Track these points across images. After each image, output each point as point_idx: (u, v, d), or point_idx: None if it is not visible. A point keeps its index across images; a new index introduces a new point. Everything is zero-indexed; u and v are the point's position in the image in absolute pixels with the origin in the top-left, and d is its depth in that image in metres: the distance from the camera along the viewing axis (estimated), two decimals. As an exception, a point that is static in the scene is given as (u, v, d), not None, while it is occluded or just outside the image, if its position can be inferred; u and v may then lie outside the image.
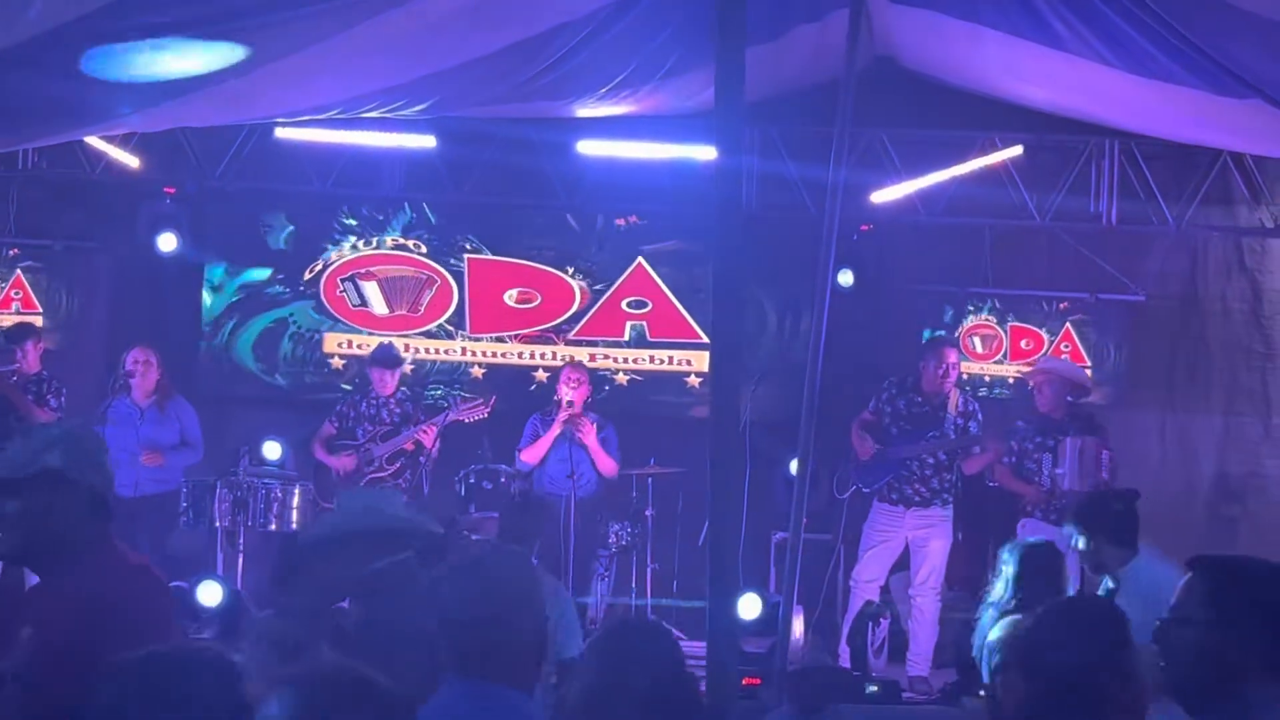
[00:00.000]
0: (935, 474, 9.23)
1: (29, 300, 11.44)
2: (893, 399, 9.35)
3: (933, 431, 9.27)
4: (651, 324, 11.82)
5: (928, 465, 9.24)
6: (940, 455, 9.22)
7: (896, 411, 9.33)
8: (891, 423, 9.32)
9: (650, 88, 9.76)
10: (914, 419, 9.30)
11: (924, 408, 9.31)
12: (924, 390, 9.34)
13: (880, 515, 9.28)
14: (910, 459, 9.21)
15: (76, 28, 6.24)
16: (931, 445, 9.19)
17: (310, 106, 9.07)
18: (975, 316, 11.91)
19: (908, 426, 9.29)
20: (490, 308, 11.78)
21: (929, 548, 9.17)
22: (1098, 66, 8.37)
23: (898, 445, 9.24)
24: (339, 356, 11.70)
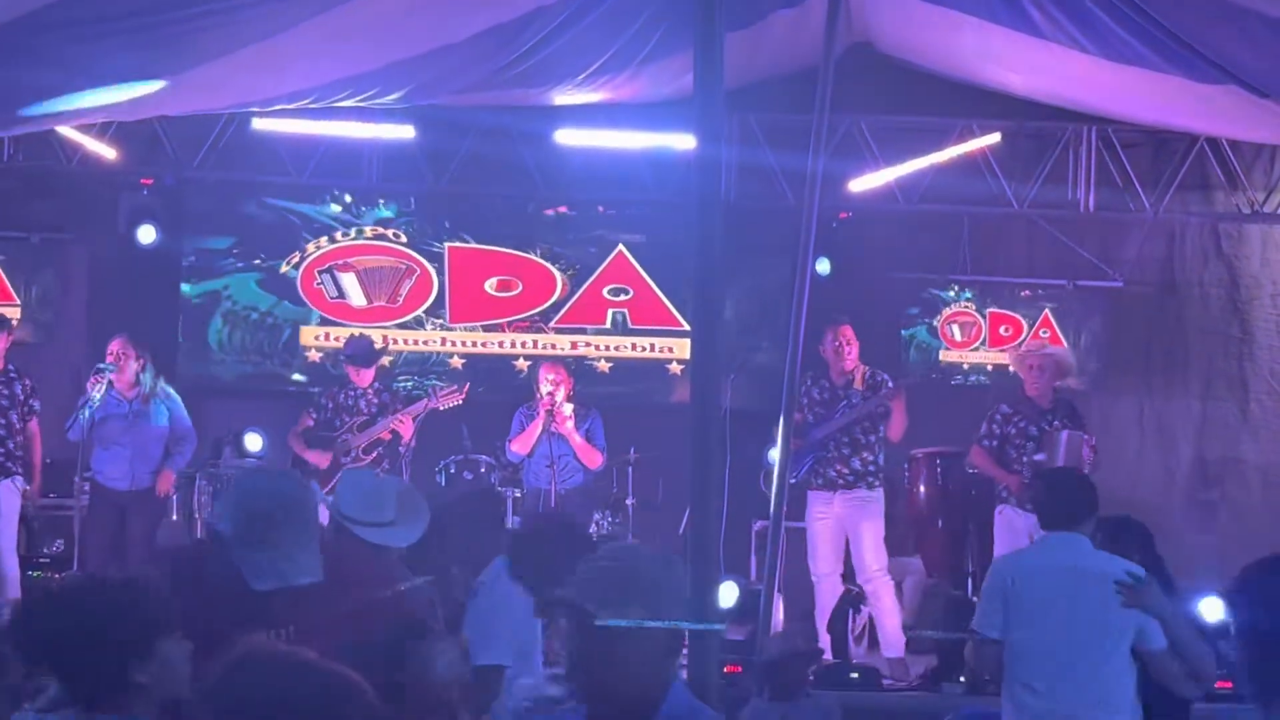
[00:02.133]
0: (854, 453, 9.17)
1: (4, 292, 11.36)
2: (808, 390, 9.32)
3: (844, 407, 9.24)
4: (633, 311, 11.82)
5: (844, 445, 9.18)
6: (858, 435, 9.16)
7: (812, 400, 9.32)
8: (809, 411, 9.29)
9: (628, 74, 9.75)
10: (825, 403, 9.28)
11: (834, 390, 9.29)
12: (830, 374, 9.34)
13: (812, 503, 9.26)
14: (828, 439, 9.17)
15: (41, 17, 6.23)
16: (841, 420, 9.15)
17: (283, 94, 9.05)
18: (954, 304, 11.92)
19: (821, 411, 9.28)
20: (471, 296, 11.76)
21: (861, 532, 9.09)
22: (1074, 53, 8.40)
23: (813, 429, 9.21)
24: (316, 349, 11.67)
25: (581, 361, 11.58)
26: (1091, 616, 5.36)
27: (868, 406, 9.10)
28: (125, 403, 9.41)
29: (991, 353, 11.78)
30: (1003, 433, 9.28)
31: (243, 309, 11.67)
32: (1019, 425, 9.25)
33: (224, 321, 11.65)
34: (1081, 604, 5.38)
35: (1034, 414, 9.26)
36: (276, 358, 11.70)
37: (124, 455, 9.34)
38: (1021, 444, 9.19)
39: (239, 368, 11.69)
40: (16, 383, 9.47)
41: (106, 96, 7.95)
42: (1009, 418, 9.31)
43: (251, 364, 11.71)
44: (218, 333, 11.63)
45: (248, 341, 11.68)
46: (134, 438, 9.38)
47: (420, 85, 9.12)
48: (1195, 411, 11.84)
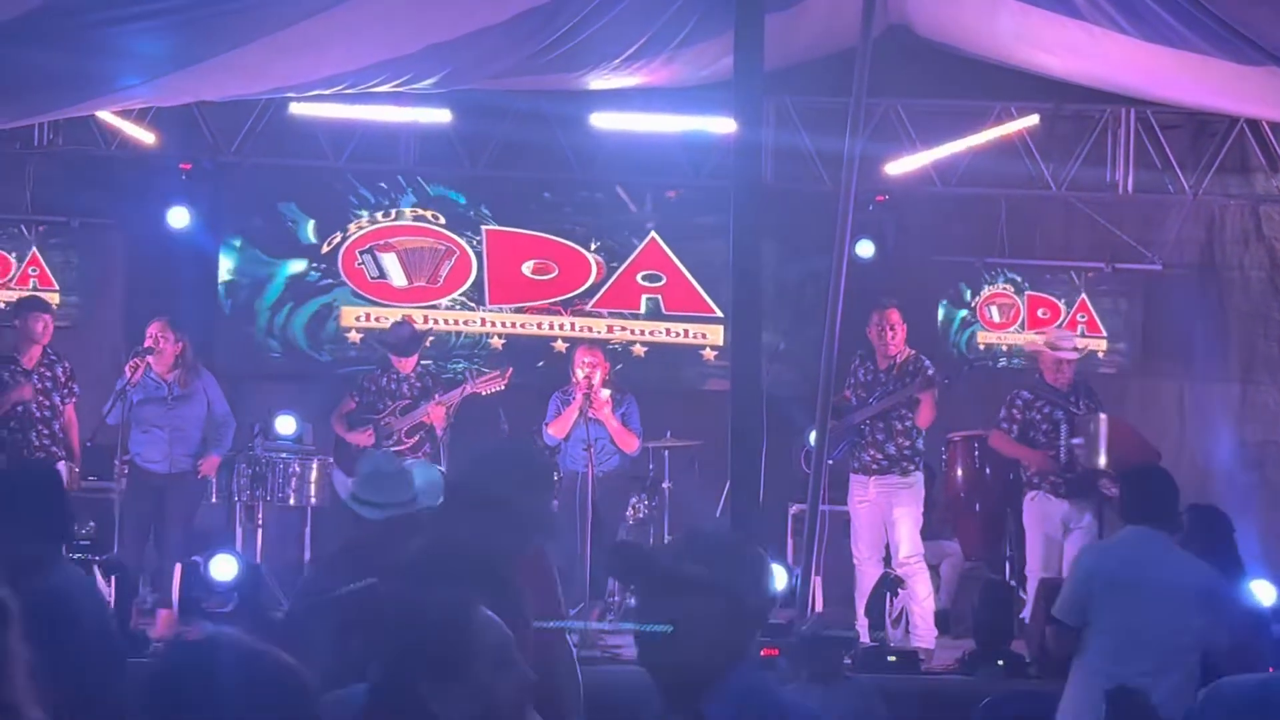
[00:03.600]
0: (889, 438, 9.13)
1: (45, 277, 11.45)
2: (854, 371, 9.31)
3: (881, 392, 9.22)
4: (666, 297, 11.83)
5: (879, 429, 9.15)
6: (893, 420, 9.13)
7: (858, 382, 9.30)
8: (853, 393, 9.27)
9: (664, 58, 9.74)
10: (868, 386, 9.25)
11: (876, 374, 9.27)
12: (875, 357, 9.31)
13: (853, 487, 9.25)
14: (862, 424, 9.15)
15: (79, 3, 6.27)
16: (875, 406, 9.13)
17: (320, 79, 9.06)
18: (992, 286, 11.89)
19: (863, 394, 9.25)
20: (508, 279, 11.79)
21: (896, 519, 9.06)
22: (1114, 34, 8.35)
23: (851, 411, 9.20)
24: (356, 330, 11.71)
25: (618, 346, 11.60)
26: (1165, 618, 5.58)
27: (900, 393, 9.08)
28: (164, 386, 9.44)
29: (1030, 335, 11.74)
30: (1024, 418, 9.23)
31: (272, 288, 11.71)
32: (1043, 411, 9.21)
33: (253, 302, 11.69)
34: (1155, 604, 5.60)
35: (1056, 398, 9.22)
36: (308, 339, 11.76)
37: (162, 438, 9.38)
38: (1049, 429, 9.15)
39: (268, 351, 11.73)
40: (58, 365, 9.55)
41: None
42: (1030, 404, 9.27)
43: (284, 346, 11.75)
44: (246, 313, 11.68)
45: (277, 322, 11.73)
46: (172, 421, 9.41)
47: (456, 70, 9.13)
48: (1235, 394, 11.78)
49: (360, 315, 11.72)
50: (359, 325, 11.71)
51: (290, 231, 11.76)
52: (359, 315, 11.73)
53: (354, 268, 11.73)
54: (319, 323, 11.77)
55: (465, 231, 11.80)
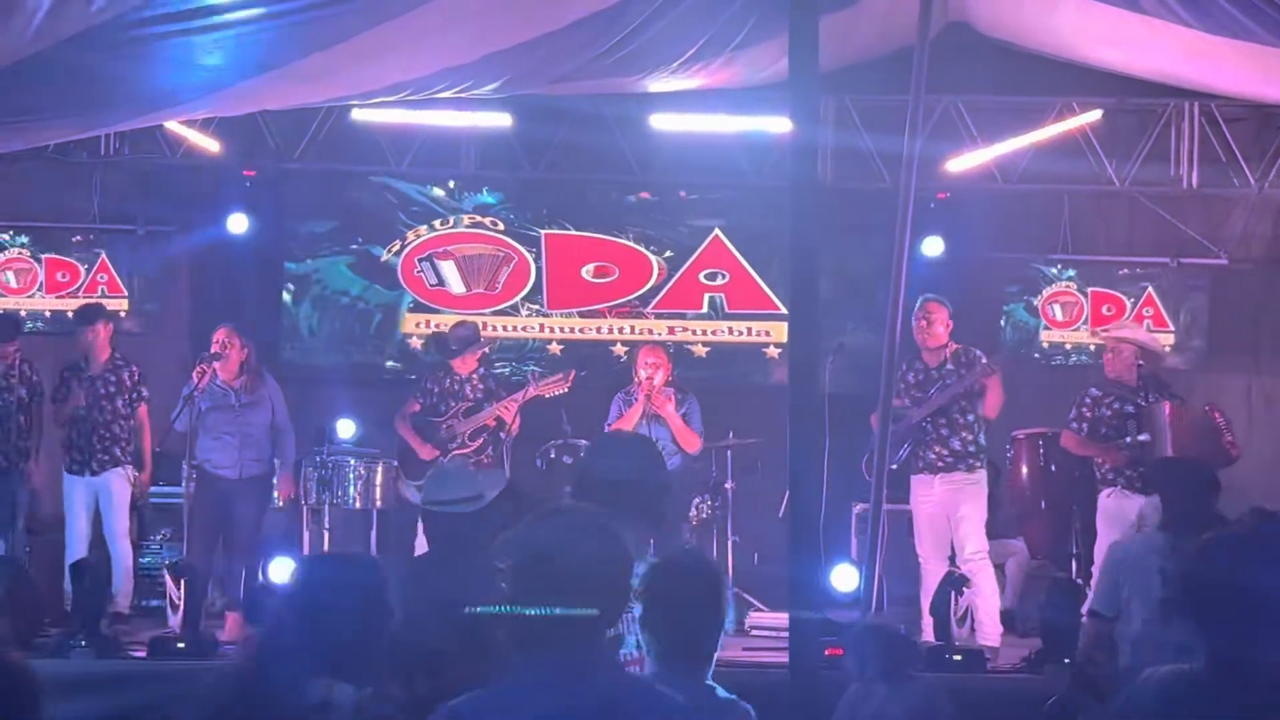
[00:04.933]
0: (953, 434, 9.06)
1: (114, 284, 11.60)
2: (904, 374, 9.23)
3: (937, 388, 9.16)
4: (729, 296, 11.83)
5: (942, 426, 9.08)
6: (955, 415, 9.06)
7: (908, 384, 9.22)
8: (904, 395, 9.20)
9: (723, 60, 9.74)
10: (920, 385, 9.18)
11: (927, 372, 9.21)
12: (923, 355, 9.25)
13: (916, 487, 9.18)
14: (924, 422, 9.09)
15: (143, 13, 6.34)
16: (936, 400, 9.06)
17: (382, 87, 9.12)
18: (1055, 284, 11.82)
19: (917, 394, 9.19)
20: (568, 283, 11.83)
21: (962, 516, 9.01)
22: (1176, 27, 8.28)
23: (909, 413, 9.14)
24: (417, 336, 11.79)
25: (679, 346, 11.61)
26: None
27: (962, 384, 9.02)
28: (231, 393, 9.52)
29: (1094, 331, 11.66)
30: (1094, 415, 9.18)
31: (332, 294, 11.81)
32: (1113, 406, 9.16)
33: (313, 307, 11.80)
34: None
35: (1124, 392, 9.16)
36: (369, 344, 11.84)
37: (232, 444, 9.46)
38: (1119, 424, 9.10)
39: (331, 355, 11.82)
40: (124, 369, 9.67)
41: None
42: (1099, 400, 9.22)
43: (344, 352, 11.84)
44: (307, 318, 11.78)
45: (338, 328, 11.82)
46: (241, 427, 9.48)
47: (517, 75, 9.17)
48: (1303, 388, 11.68)
49: (420, 322, 11.79)
50: (419, 331, 11.79)
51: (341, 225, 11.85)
52: (419, 322, 11.80)
53: (413, 275, 11.81)
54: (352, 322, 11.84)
55: (524, 236, 11.85)
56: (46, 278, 11.58)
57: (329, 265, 11.81)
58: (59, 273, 11.60)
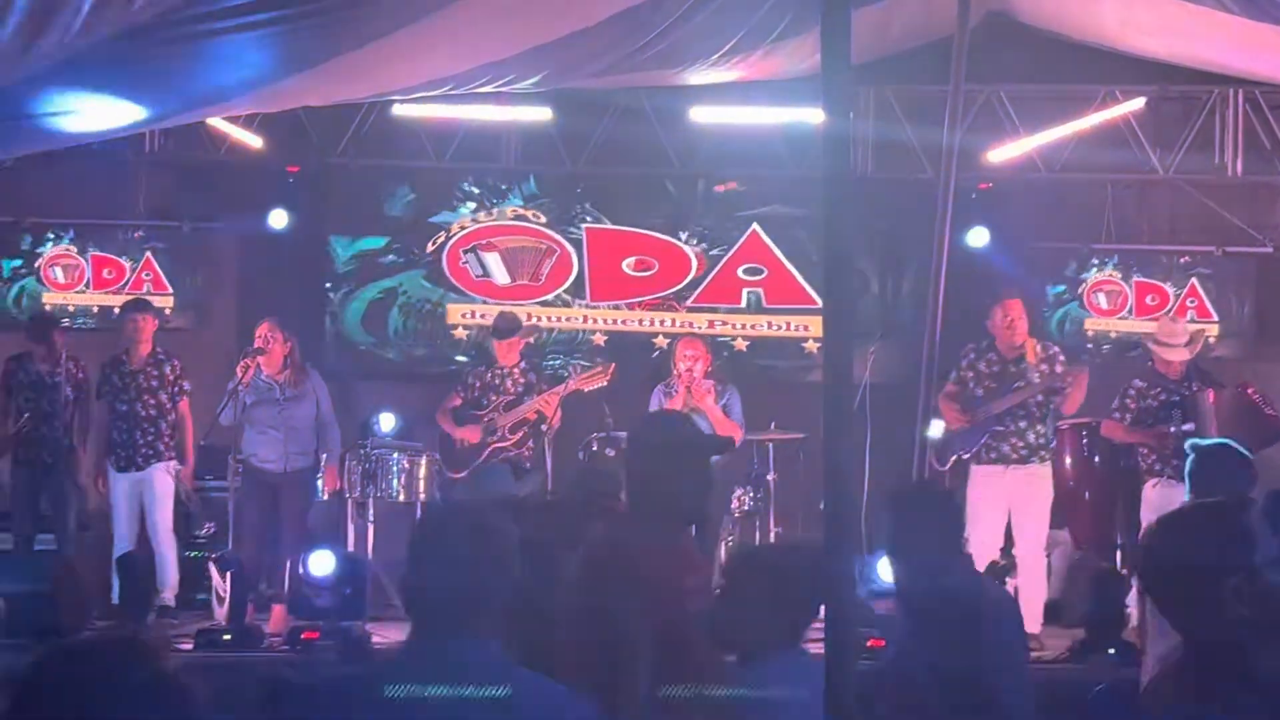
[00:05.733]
0: (1029, 427, 9.06)
1: (159, 281, 11.70)
2: (973, 364, 9.21)
3: (1017, 384, 9.14)
4: (768, 290, 11.83)
5: (1020, 419, 9.07)
6: (1033, 408, 9.06)
7: (979, 374, 9.19)
8: (975, 385, 9.17)
9: (762, 52, 9.74)
10: (995, 376, 9.16)
11: (1004, 364, 9.18)
12: (999, 347, 9.22)
13: (980, 478, 9.15)
14: (1004, 414, 9.08)
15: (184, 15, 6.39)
16: (1020, 395, 9.05)
17: (423, 83, 9.17)
18: (1099, 272, 11.77)
19: (991, 385, 9.15)
20: (609, 276, 11.86)
21: (1030, 507, 9.01)
22: (1220, 15, 8.23)
23: (987, 404, 9.12)
24: (462, 328, 11.84)
25: (719, 340, 11.62)
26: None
27: (1048, 383, 9.02)
28: (275, 387, 9.59)
29: (1139, 321, 11.60)
30: (1139, 406, 9.16)
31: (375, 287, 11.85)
32: (1159, 398, 9.13)
33: (356, 301, 11.83)
34: None
35: (1169, 385, 9.13)
36: (412, 337, 11.89)
37: (277, 438, 9.54)
38: (1164, 414, 9.07)
39: (374, 348, 11.87)
40: (165, 364, 9.74)
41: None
42: (1143, 391, 9.20)
43: (387, 344, 11.90)
44: (350, 312, 11.81)
45: (382, 321, 11.86)
46: (286, 421, 9.55)
47: (557, 70, 9.20)
48: (1350, 377, 11.56)
49: (465, 313, 11.84)
50: (464, 323, 11.84)
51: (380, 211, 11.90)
52: (464, 313, 11.85)
53: (458, 266, 11.86)
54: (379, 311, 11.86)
55: (566, 229, 11.88)
56: (93, 274, 11.68)
57: (372, 259, 11.86)
58: (105, 269, 11.71)
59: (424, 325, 11.91)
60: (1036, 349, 9.12)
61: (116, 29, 6.53)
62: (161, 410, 9.63)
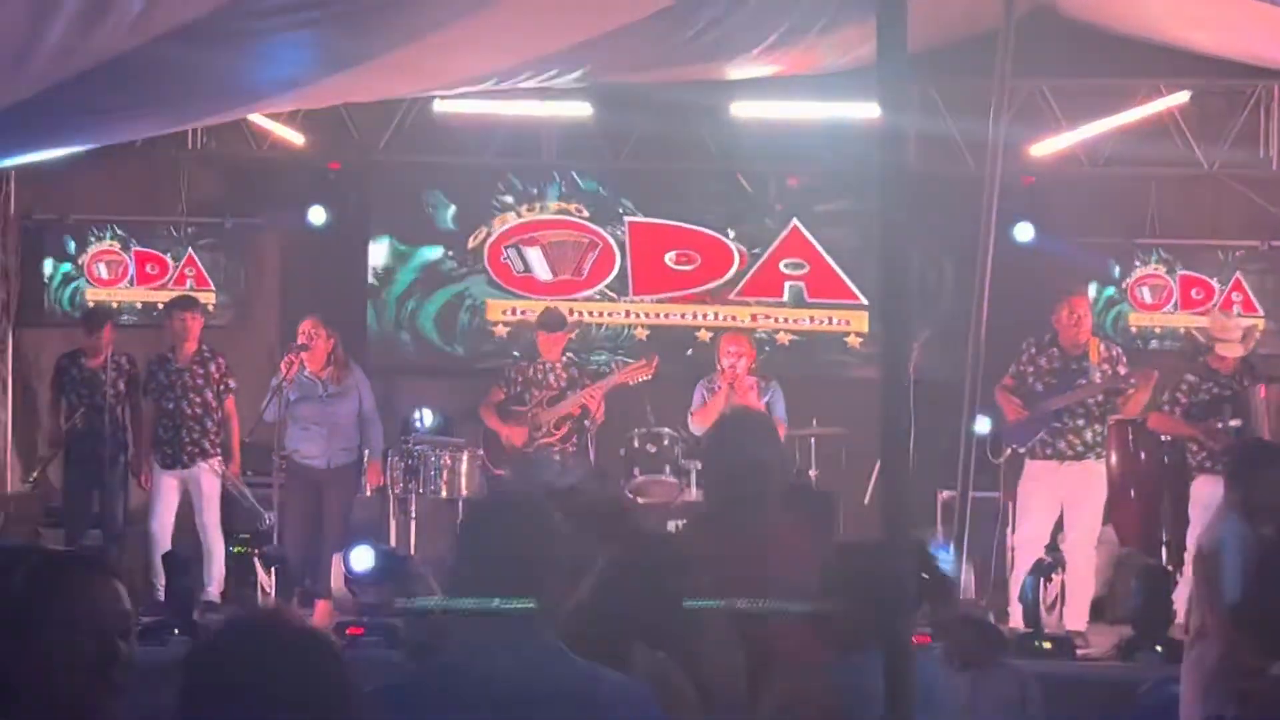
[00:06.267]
0: (1087, 425, 9.06)
1: (201, 277, 11.74)
2: (1033, 358, 9.20)
3: (1080, 381, 9.10)
4: (810, 285, 11.80)
5: (1079, 417, 9.06)
6: (1091, 406, 9.03)
7: (1039, 369, 9.18)
8: (1035, 380, 9.16)
9: (804, 46, 9.69)
10: (1056, 373, 9.14)
11: (1066, 360, 9.15)
12: (1062, 344, 9.19)
13: (1035, 472, 9.15)
14: (1061, 411, 9.05)
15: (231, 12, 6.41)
16: (1082, 392, 9.02)
17: (467, 78, 9.17)
18: (1143, 267, 11.70)
19: (1052, 381, 9.14)
20: (652, 270, 11.85)
21: (1083, 503, 9.01)
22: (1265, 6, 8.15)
23: (1047, 399, 9.09)
24: (503, 324, 11.85)
25: (763, 334, 11.61)
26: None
27: (1110, 383, 9.00)
28: (318, 383, 9.62)
29: (1183, 316, 11.54)
30: (1189, 401, 9.12)
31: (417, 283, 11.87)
32: (1211, 392, 9.08)
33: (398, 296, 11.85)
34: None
35: (1220, 378, 9.08)
36: (454, 332, 11.91)
37: (321, 435, 9.57)
38: (1215, 409, 9.02)
39: (416, 344, 11.90)
40: (211, 361, 9.78)
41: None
42: (1195, 386, 9.16)
43: (428, 340, 11.92)
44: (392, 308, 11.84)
45: (423, 317, 11.88)
46: (329, 417, 9.59)
47: (599, 65, 9.18)
48: (1399, 371, 11.46)
49: (507, 309, 11.85)
50: (505, 319, 11.84)
51: (430, 218, 11.90)
52: (505, 309, 11.86)
53: (499, 262, 11.87)
54: (450, 313, 11.89)
55: (608, 224, 11.88)
56: (136, 270, 11.74)
57: (414, 255, 11.88)
58: (148, 265, 11.76)
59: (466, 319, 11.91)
60: (1100, 348, 9.11)
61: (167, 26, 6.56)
62: (207, 408, 9.67)
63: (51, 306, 11.64)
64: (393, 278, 11.87)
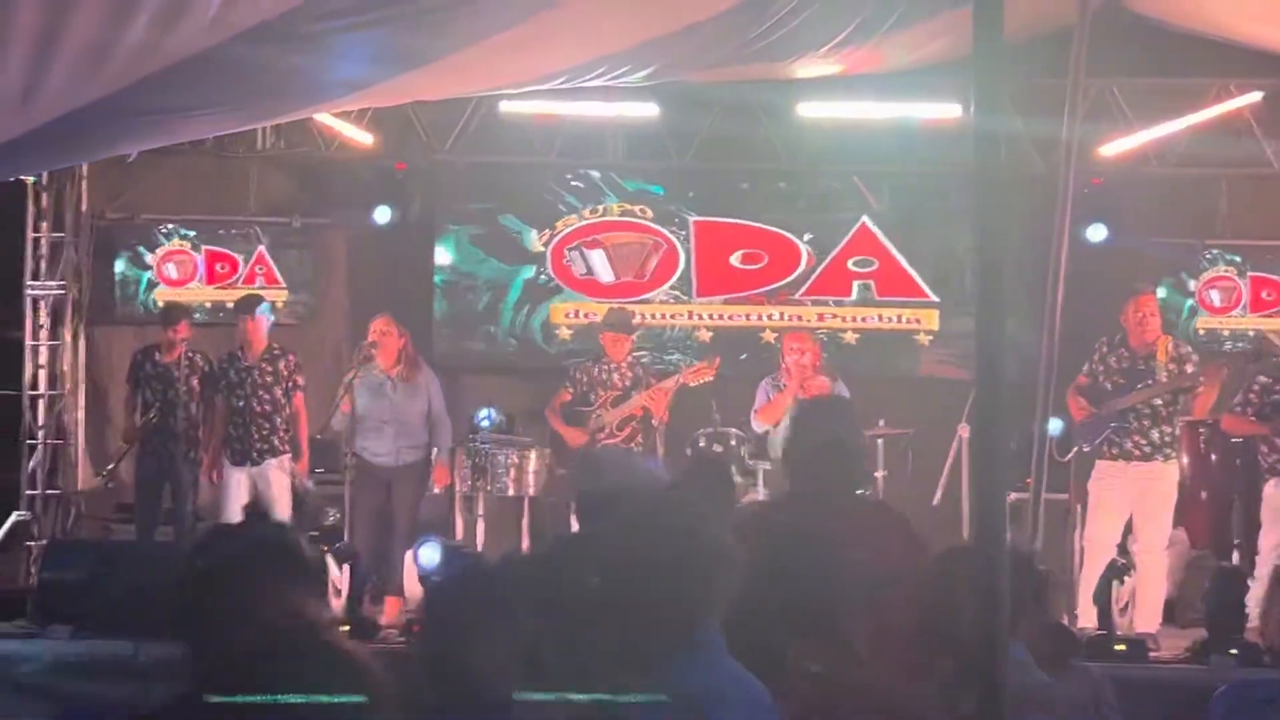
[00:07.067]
0: (1154, 425, 8.98)
1: (271, 276, 11.83)
2: (1104, 357, 9.15)
3: (1147, 380, 9.04)
4: (878, 283, 11.76)
5: (1145, 416, 8.98)
6: (1159, 407, 8.96)
7: (1109, 368, 9.13)
8: (1105, 379, 9.11)
9: (872, 44, 9.67)
10: (1125, 372, 9.08)
11: (1134, 360, 9.09)
12: (1130, 343, 9.13)
13: (1103, 473, 9.09)
14: (1127, 411, 8.99)
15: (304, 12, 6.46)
16: (1147, 392, 8.95)
17: (537, 76, 9.20)
18: (1213, 269, 11.59)
19: (1120, 380, 9.08)
20: (717, 270, 11.84)
21: (1152, 505, 8.94)
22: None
23: (1113, 399, 9.03)
24: (566, 326, 11.87)
25: (829, 333, 11.59)
26: None
27: (1175, 383, 8.93)
28: (388, 381, 9.67)
29: (1252, 318, 11.43)
30: (1261, 402, 9.03)
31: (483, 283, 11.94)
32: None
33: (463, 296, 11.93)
34: None
35: None
36: (518, 333, 11.95)
37: (389, 433, 9.61)
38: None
39: (481, 344, 11.95)
40: (280, 359, 9.83)
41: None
42: (1268, 387, 9.05)
43: (493, 340, 11.96)
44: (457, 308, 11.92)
45: (488, 317, 11.93)
46: (397, 415, 9.62)
47: (668, 63, 9.20)
48: None
49: (570, 311, 11.86)
50: (568, 321, 11.86)
51: (516, 240, 11.94)
52: (568, 311, 11.87)
53: (562, 264, 11.89)
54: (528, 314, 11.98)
55: (673, 224, 11.87)
56: (206, 269, 11.84)
57: (479, 255, 11.92)
58: (218, 264, 11.86)
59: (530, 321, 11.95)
60: (1168, 347, 9.02)
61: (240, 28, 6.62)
62: (276, 405, 9.73)
63: (122, 305, 11.76)
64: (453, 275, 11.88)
